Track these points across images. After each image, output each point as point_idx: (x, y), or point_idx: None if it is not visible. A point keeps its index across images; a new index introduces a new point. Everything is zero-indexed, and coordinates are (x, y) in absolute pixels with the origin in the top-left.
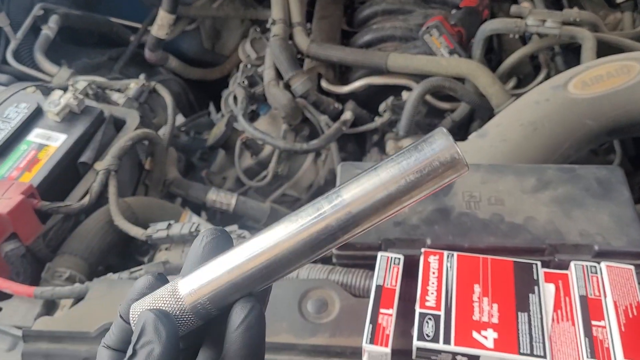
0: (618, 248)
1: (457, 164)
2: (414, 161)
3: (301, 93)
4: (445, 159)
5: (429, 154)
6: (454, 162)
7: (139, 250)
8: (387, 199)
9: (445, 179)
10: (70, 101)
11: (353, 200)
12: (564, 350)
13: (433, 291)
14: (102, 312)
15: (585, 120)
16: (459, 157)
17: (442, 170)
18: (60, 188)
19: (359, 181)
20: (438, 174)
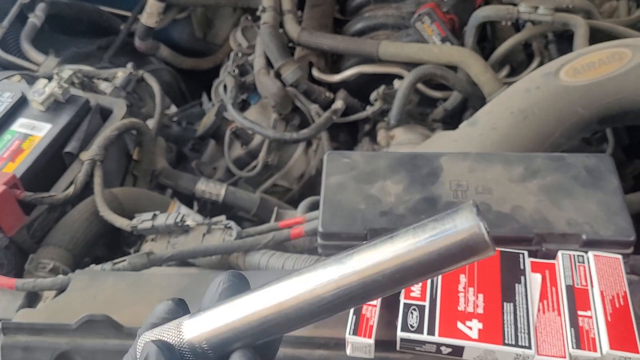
0: (606, 237)
1: (482, 248)
2: (432, 238)
3: (291, 82)
4: (468, 241)
5: (451, 231)
6: (478, 245)
7: (127, 242)
8: (400, 274)
9: (466, 261)
10: (55, 90)
11: (363, 269)
12: (549, 340)
13: None
14: (84, 304)
15: (577, 108)
16: (484, 241)
17: (463, 253)
18: (45, 179)
19: (374, 249)
20: (458, 257)
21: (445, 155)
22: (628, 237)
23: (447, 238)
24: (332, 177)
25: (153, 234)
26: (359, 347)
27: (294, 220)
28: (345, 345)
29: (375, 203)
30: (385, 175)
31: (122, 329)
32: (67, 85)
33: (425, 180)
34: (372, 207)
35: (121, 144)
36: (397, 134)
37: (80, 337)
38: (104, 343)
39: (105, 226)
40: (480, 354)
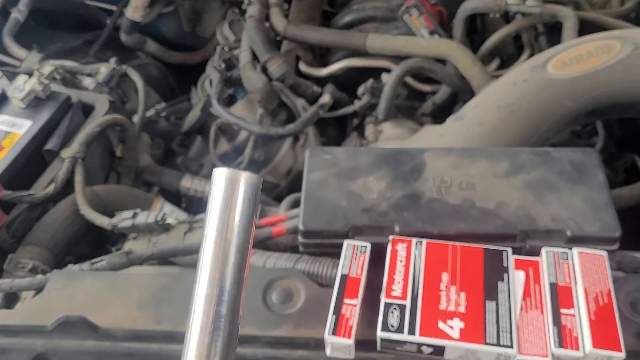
0: (591, 233)
1: None
2: None
3: (278, 76)
4: None
5: None
6: None
7: (110, 240)
8: None
9: None
10: (35, 86)
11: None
12: (531, 339)
13: (400, 280)
14: (61, 305)
15: (564, 102)
16: None
17: None
18: (26, 177)
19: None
20: None
21: (429, 151)
22: (613, 233)
23: None
24: (314, 173)
25: (134, 233)
26: (338, 348)
27: (276, 218)
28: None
29: (357, 200)
30: (368, 172)
31: (99, 330)
32: (47, 82)
33: (409, 176)
34: (354, 204)
35: (104, 141)
36: (386, 129)
37: (57, 338)
38: (81, 344)
39: (88, 225)
40: (461, 354)
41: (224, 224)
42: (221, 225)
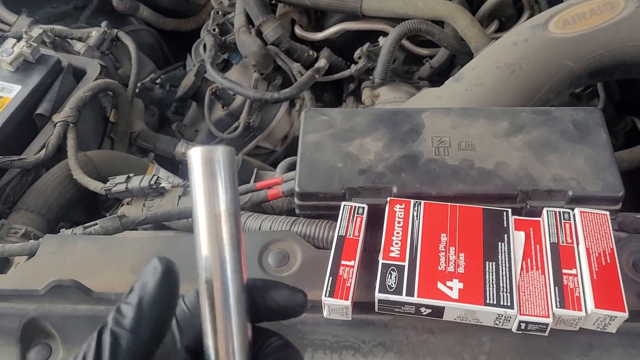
0: (593, 193)
1: None
2: None
3: (273, 40)
4: None
5: None
6: None
7: (104, 206)
8: None
9: None
10: (24, 49)
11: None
12: (532, 299)
13: (397, 241)
14: (52, 269)
15: (566, 62)
16: None
17: None
18: (16, 142)
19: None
20: None
21: (427, 111)
22: (616, 192)
23: None
24: (309, 135)
25: (128, 197)
26: (335, 309)
27: (272, 181)
28: (322, 307)
29: (353, 161)
30: (364, 133)
31: (92, 294)
32: (36, 45)
33: (406, 137)
34: (350, 166)
35: (97, 106)
36: (382, 93)
37: (49, 302)
38: (74, 308)
39: (81, 190)
40: (460, 315)
41: (210, 204)
42: (208, 204)
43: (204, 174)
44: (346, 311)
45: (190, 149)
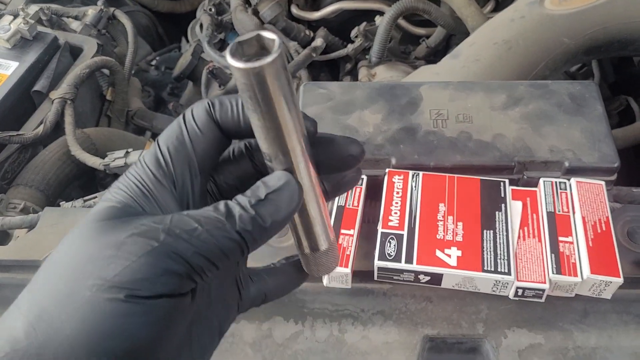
0: (589, 164)
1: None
2: None
3: (270, 19)
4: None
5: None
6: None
7: (102, 183)
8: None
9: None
10: (21, 26)
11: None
12: (529, 266)
13: (396, 211)
14: (53, 240)
15: (562, 38)
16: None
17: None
18: (14, 119)
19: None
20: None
21: (426, 84)
22: (612, 163)
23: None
24: (309, 108)
25: None
26: (335, 277)
27: None
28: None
29: (352, 133)
30: (363, 106)
31: None
32: (33, 22)
33: (405, 109)
34: None
35: (94, 85)
36: (379, 72)
37: None
38: None
39: (79, 167)
40: (459, 282)
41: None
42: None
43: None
44: (346, 279)
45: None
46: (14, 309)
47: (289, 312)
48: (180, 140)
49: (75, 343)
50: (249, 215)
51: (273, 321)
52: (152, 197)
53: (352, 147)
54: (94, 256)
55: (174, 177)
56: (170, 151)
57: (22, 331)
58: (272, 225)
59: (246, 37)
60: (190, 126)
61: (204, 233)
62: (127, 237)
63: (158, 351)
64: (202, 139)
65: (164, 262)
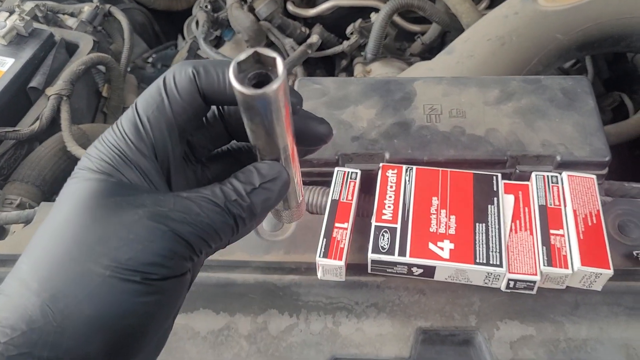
0: (581, 158)
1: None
2: None
3: (265, 15)
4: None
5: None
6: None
7: None
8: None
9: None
10: (17, 23)
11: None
12: (520, 259)
13: (390, 205)
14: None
15: (555, 34)
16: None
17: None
18: (10, 115)
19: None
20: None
21: (419, 80)
22: (603, 157)
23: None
24: (303, 103)
25: None
26: (329, 270)
27: None
28: (316, 269)
29: (346, 128)
30: (357, 101)
31: None
32: (29, 18)
33: (399, 104)
34: (344, 132)
35: (89, 81)
36: (374, 68)
37: None
38: None
39: (74, 163)
40: (451, 274)
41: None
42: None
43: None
44: (340, 271)
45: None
46: (19, 285)
47: (284, 305)
48: (161, 109)
49: (93, 323)
50: (245, 204)
51: (268, 314)
52: (135, 168)
53: (322, 127)
54: (104, 237)
55: (154, 146)
56: (150, 120)
57: (38, 310)
58: (261, 212)
59: (244, 56)
60: (172, 94)
61: (205, 218)
62: (137, 219)
63: (165, 324)
64: (184, 108)
65: (172, 246)
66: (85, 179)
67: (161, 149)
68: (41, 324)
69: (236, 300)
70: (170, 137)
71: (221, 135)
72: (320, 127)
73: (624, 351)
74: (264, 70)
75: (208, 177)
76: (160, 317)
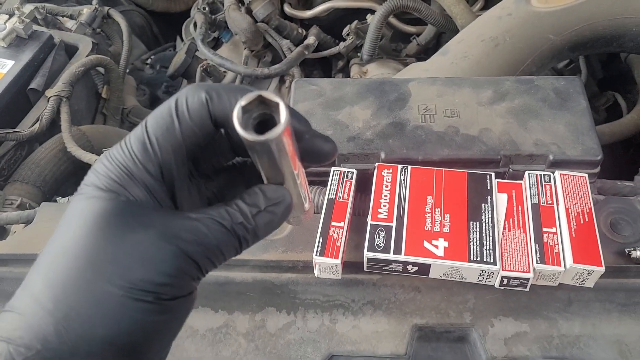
0: (573, 157)
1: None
2: None
3: (262, 17)
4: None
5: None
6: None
7: None
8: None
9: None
10: (16, 25)
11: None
12: (514, 256)
13: (385, 204)
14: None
15: (548, 35)
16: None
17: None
18: (11, 116)
19: None
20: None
21: (414, 81)
22: (595, 156)
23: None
24: (300, 104)
25: None
26: (326, 268)
27: None
28: (313, 267)
29: (343, 129)
30: (353, 101)
31: None
32: (28, 21)
33: (393, 105)
34: (340, 133)
35: (89, 83)
36: (370, 69)
37: None
38: None
39: (75, 164)
40: (446, 272)
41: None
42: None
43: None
44: (336, 269)
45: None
46: (33, 303)
47: (281, 303)
48: (171, 131)
49: (106, 343)
50: (250, 227)
51: (266, 312)
52: (141, 186)
53: (327, 146)
54: (116, 257)
55: (161, 166)
56: (159, 141)
57: (52, 330)
58: (263, 234)
59: (248, 100)
60: (183, 117)
61: (213, 240)
62: (148, 239)
63: (171, 341)
64: (193, 131)
65: (182, 267)
66: (92, 196)
67: (168, 169)
68: (55, 344)
69: (234, 298)
70: (178, 158)
71: (226, 152)
72: (326, 145)
73: (616, 347)
74: (268, 112)
75: (212, 192)
76: (168, 335)
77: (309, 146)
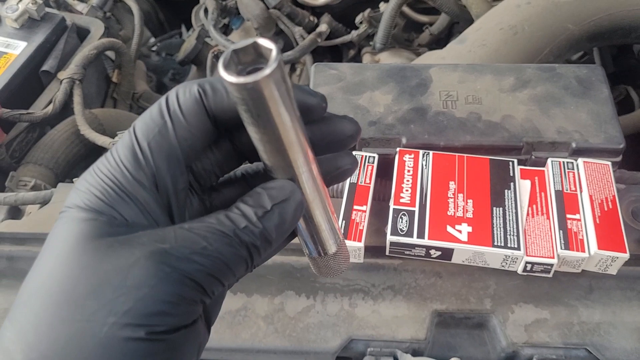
0: (595, 145)
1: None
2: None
3: (275, 4)
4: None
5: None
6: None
7: None
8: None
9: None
10: (29, 6)
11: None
12: (538, 242)
13: (407, 188)
14: None
15: (567, 24)
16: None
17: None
18: (23, 98)
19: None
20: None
21: (435, 67)
22: (617, 144)
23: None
24: (320, 88)
25: None
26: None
27: None
28: None
29: (363, 113)
30: (374, 86)
31: None
32: (41, 2)
33: (415, 90)
34: (361, 117)
35: (100, 67)
36: (383, 58)
37: None
38: None
39: (87, 147)
40: (469, 257)
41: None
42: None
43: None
44: (359, 253)
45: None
46: (2, 356)
47: (301, 287)
48: (164, 134)
49: None
50: (257, 230)
51: (285, 295)
52: (133, 202)
53: (348, 124)
54: (96, 288)
55: (155, 177)
56: (151, 147)
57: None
58: (276, 239)
59: (242, 45)
60: (176, 117)
61: (213, 252)
62: (133, 262)
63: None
64: (190, 132)
65: (179, 289)
66: (71, 219)
67: (163, 179)
68: None
69: (253, 281)
70: (174, 166)
71: (230, 156)
72: (347, 125)
73: (636, 335)
74: (262, 61)
75: (217, 207)
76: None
77: (328, 127)
